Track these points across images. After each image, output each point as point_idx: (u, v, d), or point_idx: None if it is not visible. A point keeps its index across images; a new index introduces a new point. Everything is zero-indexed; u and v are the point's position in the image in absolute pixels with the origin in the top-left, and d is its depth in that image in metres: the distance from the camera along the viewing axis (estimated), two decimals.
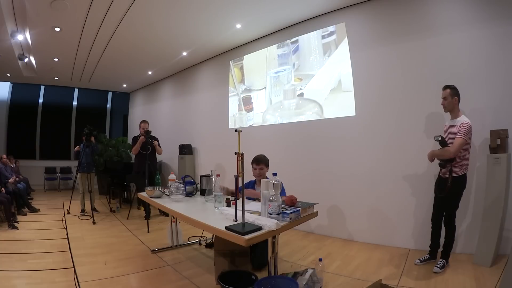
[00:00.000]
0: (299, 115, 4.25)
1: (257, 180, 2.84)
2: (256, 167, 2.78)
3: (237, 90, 5.24)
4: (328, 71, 3.92)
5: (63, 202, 5.72)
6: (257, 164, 2.78)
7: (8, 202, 4.08)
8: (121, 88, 8.90)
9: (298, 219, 1.93)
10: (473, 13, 2.90)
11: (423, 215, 3.04)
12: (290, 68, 4.38)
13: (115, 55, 5.66)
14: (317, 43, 4.04)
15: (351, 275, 2.51)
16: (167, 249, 3.17)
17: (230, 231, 1.65)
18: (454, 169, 2.48)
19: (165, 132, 6.84)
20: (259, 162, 2.77)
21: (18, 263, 2.71)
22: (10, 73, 6.88)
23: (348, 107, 3.71)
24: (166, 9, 3.89)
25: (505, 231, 2.65)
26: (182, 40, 4.98)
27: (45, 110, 8.41)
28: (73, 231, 3.83)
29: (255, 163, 2.79)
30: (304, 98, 4.20)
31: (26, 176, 6.60)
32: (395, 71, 3.38)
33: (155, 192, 2.79)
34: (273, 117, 4.60)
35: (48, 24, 4.22)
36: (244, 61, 5.10)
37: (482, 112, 2.79)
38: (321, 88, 4.00)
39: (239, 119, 5.19)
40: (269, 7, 3.81)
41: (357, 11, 3.68)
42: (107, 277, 2.44)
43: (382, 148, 3.42)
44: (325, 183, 3.87)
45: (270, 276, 1.84)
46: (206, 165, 5.86)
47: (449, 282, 2.31)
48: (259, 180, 2.74)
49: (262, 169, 2.77)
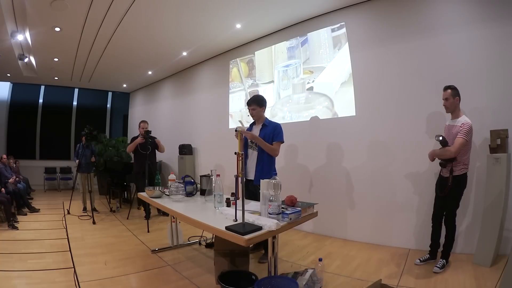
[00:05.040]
0: (309, 110, 4.16)
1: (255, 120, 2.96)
2: (249, 108, 2.88)
3: (244, 85, 5.19)
4: (339, 65, 3.84)
5: (63, 202, 5.73)
6: (249, 105, 2.88)
7: (8, 202, 4.08)
8: (121, 88, 8.90)
9: (298, 219, 1.92)
10: (472, 14, 2.91)
11: (423, 215, 3.04)
12: (299, 62, 4.30)
13: (115, 55, 5.66)
14: (326, 36, 3.97)
15: (351, 275, 2.51)
16: (167, 249, 3.17)
17: (230, 231, 1.65)
18: (455, 168, 2.48)
19: (165, 132, 6.85)
20: (251, 103, 2.86)
21: (18, 263, 2.70)
22: (10, 73, 6.89)
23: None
24: (166, 10, 3.89)
25: (505, 231, 2.66)
26: (182, 40, 4.98)
27: (45, 110, 8.41)
28: (73, 231, 3.83)
29: (248, 105, 2.90)
30: (313, 92, 4.11)
31: (26, 176, 6.62)
32: (395, 71, 3.38)
33: (155, 192, 2.79)
34: (282, 112, 4.51)
35: (48, 24, 4.23)
36: (252, 56, 5.03)
37: (482, 112, 2.79)
38: (331, 81, 3.91)
39: (246, 114, 5.10)
40: (268, 7, 3.81)
41: (357, 11, 3.68)
42: (107, 277, 2.44)
43: (383, 147, 3.42)
44: (325, 183, 3.87)
45: (270, 276, 1.84)
46: (206, 165, 5.87)
47: (449, 282, 2.31)
48: (256, 119, 2.93)
49: (254, 110, 2.85)
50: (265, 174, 2.56)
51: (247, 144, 2.87)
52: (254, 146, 2.82)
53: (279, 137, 2.77)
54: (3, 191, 4.27)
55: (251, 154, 2.84)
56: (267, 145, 2.72)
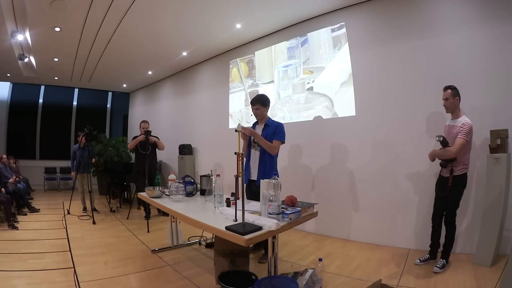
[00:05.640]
0: (309, 110, 4.16)
1: (258, 120, 2.95)
2: (253, 108, 2.87)
3: (243, 85, 5.19)
4: (339, 65, 3.84)
5: (63, 202, 5.73)
6: (253, 104, 2.87)
7: (8, 202, 4.08)
8: (121, 88, 8.90)
9: (298, 219, 1.92)
10: (472, 14, 2.91)
11: (423, 215, 3.04)
12: (299, 62, 4.30)
13: (115, 55, 5.66)
14: (326, 36, 3.97)
15: (351, 275, 2.51)
16: (167, 249, 3.17)
17: (230, 231, 1.65)
18: (455, 168, 2.48)
19: (165, 132, 6.83)
20: (254, 103, 2.86)
21: (18, 263, 2.70)
22: (10, 73, 6.88)
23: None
24: (166, 10, 3.89)
25: (505, 231, 2.66)
26: (182, 40, 4.99)
27: (45, 110, 8.41)
28: (73, 231, 3.83)
29: (251, 104, 2.88)
30: (313, 92, 4.11)
31: (26, 176, 6.61)
32: (395, 71, 3.38)
33: (155, 192, 2.79)
34: (282, 112, 4.51)
35: (48, 24, 4.23)
36: (252, 56, 5.03)
37: (482, 111, 2.79)
38: (331, 81, 3.91)
39: (246, 115, 5.09)
40: (268, 7, 3.81)
41: (357, 11, 3.68)
42: (107, 277, 2.44)
43: (383, 148, 3.42)
44: (325, 183, 3.87)
45: (270, 276, 1.84)
46: (206, 165, 5.87)
47: (449, 282, 2.31)
48: (259, 119, 2.92)
49: (258, 109, 2.84)
50: (267, 174, 2.57)
51: (250, 144, 2.88)
52: (257, 146, 2.81)
53: (279, 136, 2.76)
54: (3, 191, 4.27)
55: (254, 154, 2.84)
56: (266, 142, 2.71)
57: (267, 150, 2.73)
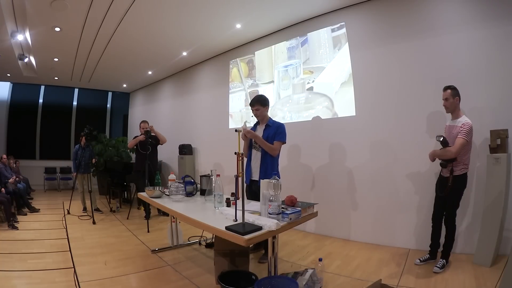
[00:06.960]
0: (309, 110, 4.15)
1: (259, 120, 2.95)
2: (253, 109, 2.87)
3: (244, 85, 5.19)
4: (339, 65, 3.84)
5: (63, 202, 5.73)
6: (252, 106, 2.87)
7: (8, 202, 4.08)
8: (121, 88, 8.90)
9: (298, 219, 1.92)
10: (472, 14, 2.91)
11: (423, 215, 3.04)
12: (299, 62, 4.30)
13: (115, 55, 5.66)
14: (326, 36, 3.97)
15: (351, 275, 2.51)
16: (167, 249, 3.17)
17: (230, 231, 1.65)
18: (455, 168, 2.48)
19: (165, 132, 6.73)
20: (254, 104, 2.86)
21: (18, 263, 2.70)
22: (10, 73, 6.88)
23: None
24: (166, 9, 3.89)
25: (505, 231, 2.65)
26: (182, 40, 4.98)
27: (45, 110, 8.40)
28: (73, 231, 3.83)
29: (251, 106, 2.89)
30: (313, 92, 4.11)
31: (26, 176, 6.61)
32: (395, 71, 3.38)
33: (155, 192, 2.79)
34: (282, 112, 4.51)
35: (48, 24, 4.22)
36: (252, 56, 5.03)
37: (482, 111, 2.79)
38: (331, 81, 3.91)
39: (246, 115, 5.08)
40: (268, 7, 3.81)
41: (357, 11, 3.68)
42: (107, 277, 2.44)
43: (383, 148, 3.42)
44: (325, 183, 3.87)
45: (270, 276, 1.84)
46: (206, 165, 5.86)
47: (449, 282, 2.31)
48: (260, 120, 2.92)
49: (258, 110, 2.84)
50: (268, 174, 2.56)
51: (251, 145, 2.88)
52: (258, 146, 2.81)
53: (280, 137, 2.76)
54: (3, 191, 4.27)
55: (255, 154, 2.84)
56: (267, 144, 2.72)
57: (269, 152, 2.74)
